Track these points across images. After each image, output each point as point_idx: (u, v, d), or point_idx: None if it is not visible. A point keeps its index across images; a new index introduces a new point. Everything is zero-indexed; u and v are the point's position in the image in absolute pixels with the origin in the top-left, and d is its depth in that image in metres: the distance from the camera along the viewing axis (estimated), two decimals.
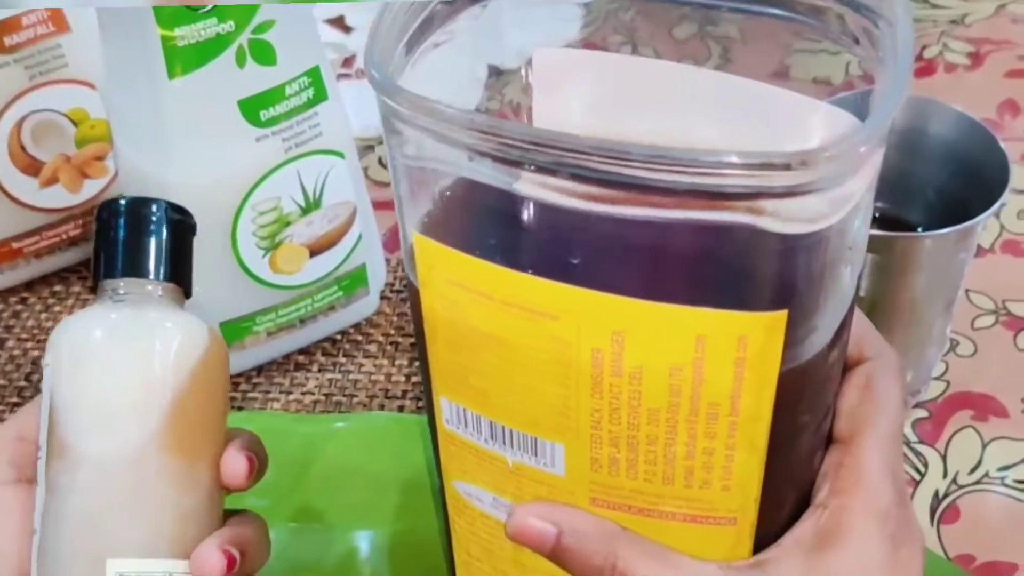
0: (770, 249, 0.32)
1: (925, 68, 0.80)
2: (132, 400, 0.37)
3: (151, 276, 0.39)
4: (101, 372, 0.37)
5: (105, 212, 0.39)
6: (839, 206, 0.31)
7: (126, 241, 0.39)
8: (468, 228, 0.36)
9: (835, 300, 0.34)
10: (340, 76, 0.79)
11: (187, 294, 0.40)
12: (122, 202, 0.39)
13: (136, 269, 0.39)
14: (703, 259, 0.34)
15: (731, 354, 0.33)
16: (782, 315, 0.32)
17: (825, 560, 0.36)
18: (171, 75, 0.51)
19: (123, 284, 0.39)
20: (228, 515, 0.40)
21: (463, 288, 0.34)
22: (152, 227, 0.39)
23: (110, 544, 0.37)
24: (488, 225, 0.35)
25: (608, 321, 0.33)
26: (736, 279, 0.33)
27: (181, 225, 0.40)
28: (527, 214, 0.33)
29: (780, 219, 0.31)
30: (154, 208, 0.39)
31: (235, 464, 0.38)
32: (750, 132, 0.34)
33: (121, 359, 0.37)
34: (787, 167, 0.29)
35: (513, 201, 0.33)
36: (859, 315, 0.38)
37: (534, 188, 0.32)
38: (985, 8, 0.84)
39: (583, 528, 0.36)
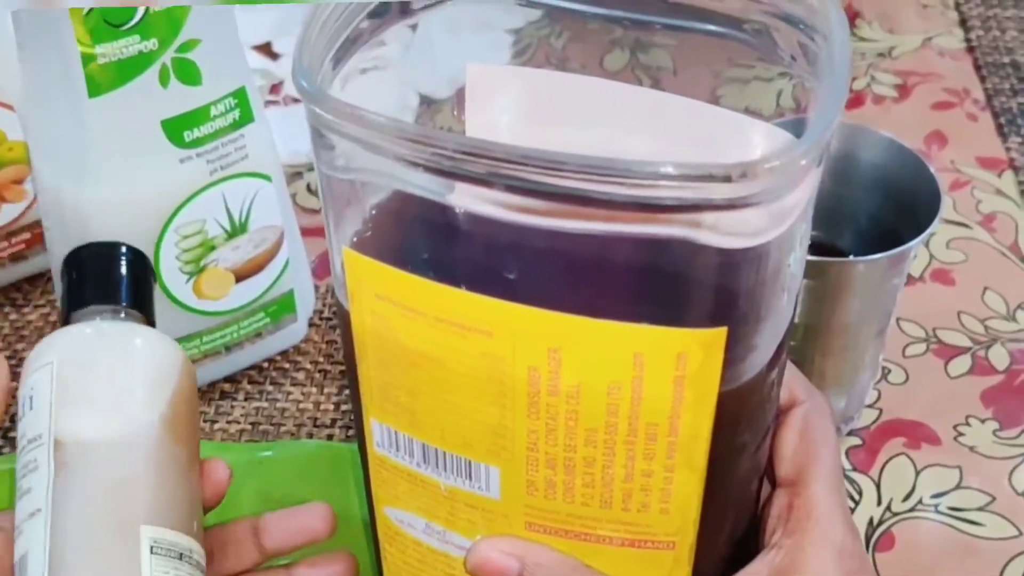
0: (709, 263, 0.31)
1: (854, 100, 0.81)
2: (139, 388, 0.41)
3: (118, 301, 0.43)
4: (105, 368, 0.41)
5: (71, 258, 0.45)
6: (779, 221, 0.31)
7: (92, 275, 0.44)
8: (399, 243, 0.35)
9: (774, 318, 0.34)
10: (268, 103, 0.78)
11: (151, 325, 0.44)
12: (83, 246, 0.45)
13: (101, 297, 0.43)
14: (641, 274, 0.33)
15: (670, 372, 0.32)
16: (721, 332, 0.32)
17: None
18: (91, 94, 0.50)
19: (92, 309, 0.43)
20: None
21: (393, 304, 0.33)
22: (112, 262, 0.45)
23: (142, 513, 0.39)
24: (420, 240, 0.34)
25: (544, 337, 0.32)
26: (675, 294, 0.33)
27: (138, 262, 0.45)
28: (460, 227, 0.32)
29: (719, 233, 0.30)
30: (114, 248, 0.45)
31: (219, 467, 0.42)
32: (687, 148, 0.34)
33: (119, 356, 0.42)
34: (727, 179, 0.29)
35: (445, 214, 0.32)
36: (787, 363, 0.38)
37: (467, 200, 0.31)
38: (912, 41, 0.86)
39: (546, 562, 0.35)
